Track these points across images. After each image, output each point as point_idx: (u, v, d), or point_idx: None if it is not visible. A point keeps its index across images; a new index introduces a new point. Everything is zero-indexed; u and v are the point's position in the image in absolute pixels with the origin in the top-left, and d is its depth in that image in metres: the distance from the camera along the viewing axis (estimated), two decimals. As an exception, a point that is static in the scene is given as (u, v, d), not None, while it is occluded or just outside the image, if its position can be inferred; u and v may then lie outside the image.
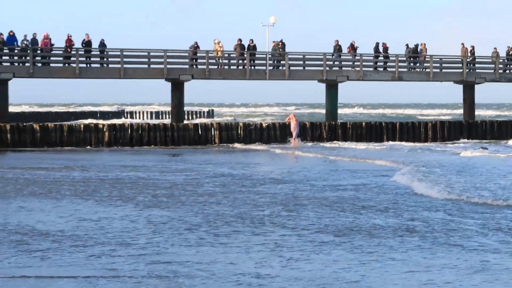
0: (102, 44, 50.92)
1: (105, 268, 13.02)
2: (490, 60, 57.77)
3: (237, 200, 21.88)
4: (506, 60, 58.30)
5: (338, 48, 54.52)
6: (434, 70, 56.89)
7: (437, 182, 26.13)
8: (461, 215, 18.81)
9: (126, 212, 19.45)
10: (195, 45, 52.50)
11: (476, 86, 58.29)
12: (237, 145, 48.20)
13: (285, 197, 22.52)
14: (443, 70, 57.80)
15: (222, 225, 17.45)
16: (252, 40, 53.44)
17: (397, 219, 18.06)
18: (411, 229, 16.66)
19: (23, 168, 32.37)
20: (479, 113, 76.56)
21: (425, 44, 56.95)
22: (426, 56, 56.80)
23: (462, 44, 57.54)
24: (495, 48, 57.91)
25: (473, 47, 57.67)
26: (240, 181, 27.28)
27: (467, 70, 57.03)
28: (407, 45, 56.31)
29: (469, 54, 57.25)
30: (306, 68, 55.00)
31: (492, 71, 57.84)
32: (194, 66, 52.64)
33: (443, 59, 57.79)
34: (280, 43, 53.11)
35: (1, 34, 48.95)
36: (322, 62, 54.41)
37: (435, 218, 18.34)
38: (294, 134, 48.67)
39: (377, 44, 56.28)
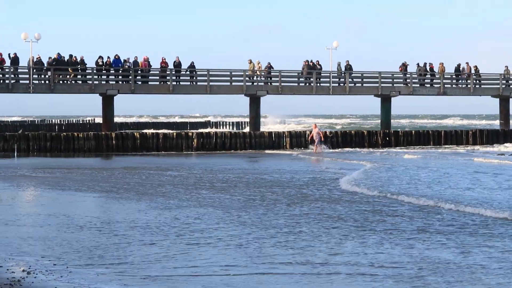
0: (192, 66, 51.58)
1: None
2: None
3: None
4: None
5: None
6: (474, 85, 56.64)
7: (369, 178, 27.68)
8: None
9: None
10: (269, 65, 52.84)
11: (511, 99, 57.81)
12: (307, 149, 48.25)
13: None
14: (482, 86, 57.42)
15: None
16: (318, 61, 53.73)
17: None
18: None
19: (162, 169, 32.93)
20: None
21: (468, 63, 56.68)
22: (466, 74, 56.52)
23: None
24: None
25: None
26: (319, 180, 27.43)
27: (503, 86, 56.70)
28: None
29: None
30: (364, 84, 55.06)
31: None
32: (269, 83, 53.11)
33: (482, 76, 57.39)
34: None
35: (108, 57, 49.81)
36: (377, 79, 54.49)
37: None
38: (316, 141, 47.78)
39: (425, 63, 56.07)
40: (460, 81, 56.97)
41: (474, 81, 56.83)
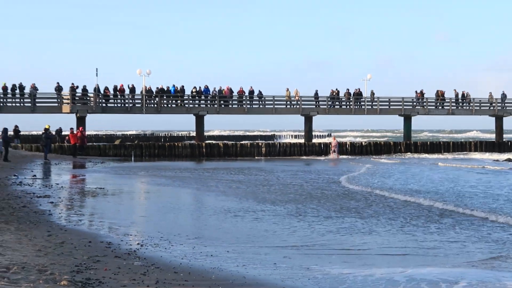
0: (260, 93, 51.65)
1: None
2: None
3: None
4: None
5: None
6: (475, 108, 55.35)
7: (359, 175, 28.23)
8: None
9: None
10: (316, 92, 52.55)
11: (504, 118, 56.32)
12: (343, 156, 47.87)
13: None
14: (481, 108, 56.06)
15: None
16: (356, 89, 53.29)
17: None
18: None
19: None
20: (506, 135, 73.03)
21: (455, 90, 55.34)
22: (469, 99, 55.32)
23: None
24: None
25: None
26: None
27: (498, 108, 55.31)
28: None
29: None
30: (391, 106, 54.32)
31: (515, 108, 55.72)
32: (318, 106, 52.76)
33: (481, 100, 56.09)
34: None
35: (200, 87, 50.36)
36: (401, 102, 53.76)
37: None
38: (334, 149, 47.42)
39: (437, 91, 55.13)
40: (465, 104, 55.80)
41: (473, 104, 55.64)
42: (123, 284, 8.04)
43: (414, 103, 54.31)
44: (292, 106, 51.77)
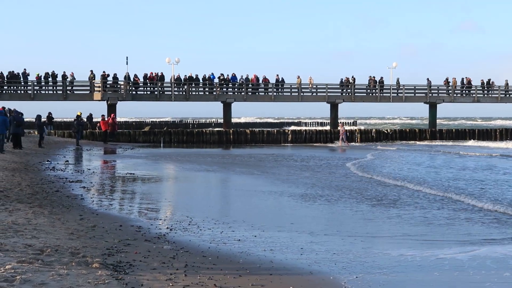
0: (282, 80, 51.34)
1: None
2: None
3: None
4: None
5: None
6: (500, 95, 54.52)
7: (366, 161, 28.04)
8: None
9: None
10: (341, 79, 52.07)
11: (529, 105, 55.42)
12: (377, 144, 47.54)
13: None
14: (507, 96, 55.16)
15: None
16: (382, 77, 52.80)
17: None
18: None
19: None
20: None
21: (467, 77, 54.39)
22: (495, 87, 54.44)
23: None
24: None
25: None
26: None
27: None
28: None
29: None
30: (416, 94, 53.71)
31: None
32: (343, 94, 52.33)
33: (507, 88, 55.17)
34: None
35: (228, 74, 50.29)
36: (427, 90, 53.13)
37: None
38: (342, 137, 46.54)
39: (462, 78, 54.37)
40: (490, 91, 54.94)
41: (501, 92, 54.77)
42: (153, 267, 8.06)
43: (440, 91, 53.65)
44: (303, 94, 50.91)
